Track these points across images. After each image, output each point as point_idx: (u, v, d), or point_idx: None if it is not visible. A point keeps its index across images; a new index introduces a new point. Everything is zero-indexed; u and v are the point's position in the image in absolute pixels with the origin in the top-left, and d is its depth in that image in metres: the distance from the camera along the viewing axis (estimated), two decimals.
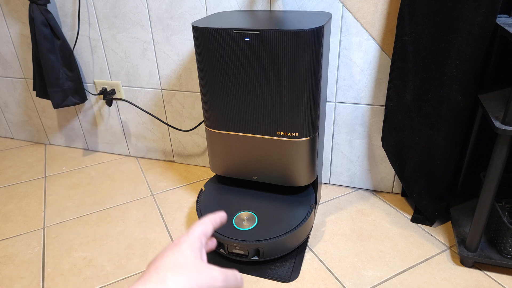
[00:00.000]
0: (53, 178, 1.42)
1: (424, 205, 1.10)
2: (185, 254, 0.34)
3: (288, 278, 0.95)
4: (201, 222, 0.39)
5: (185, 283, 0.31)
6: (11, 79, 1.55)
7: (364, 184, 1.28)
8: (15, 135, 1.73)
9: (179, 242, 0.36)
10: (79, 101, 1.40)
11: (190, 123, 1.38)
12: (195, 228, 0.38)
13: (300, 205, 1.03)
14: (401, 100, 1.01)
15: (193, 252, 0.35)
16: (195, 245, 0.36)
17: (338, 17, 1.04)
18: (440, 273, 0.95)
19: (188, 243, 0.35)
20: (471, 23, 0.85)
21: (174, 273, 0.32)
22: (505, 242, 0.90)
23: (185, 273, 0.32)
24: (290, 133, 0.94)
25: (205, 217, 0.41)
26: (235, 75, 0.91)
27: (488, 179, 0.84)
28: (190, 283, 0.32)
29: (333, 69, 1.11)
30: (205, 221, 0.40)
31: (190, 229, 0.38)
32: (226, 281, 0.35)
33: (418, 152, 1.05)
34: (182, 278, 0.31)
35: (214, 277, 0.34)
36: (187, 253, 0.34)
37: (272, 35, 0.83)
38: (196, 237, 0.37)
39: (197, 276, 0.32)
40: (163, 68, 1.30)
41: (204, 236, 0.38)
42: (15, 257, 1.04)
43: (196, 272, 0.33)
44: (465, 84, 0.92)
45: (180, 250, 0.34)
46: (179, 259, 0.33)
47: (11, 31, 1.43)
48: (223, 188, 1.12)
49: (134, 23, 1.25)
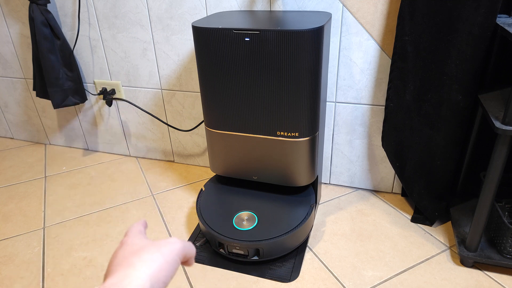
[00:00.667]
0: (53, 178, 1.42)
1: (424, 205, 1.10)
2: (135, 242, 0.35)
3: (288, 278, 0.95)
4: (133, 225, 0.41)
5: (150, 258, 0.32)
6: (11, 79, 1.55)
7: (364, 184, 1.28)
8: (15, 135, 1.73)
9: (123, 241, 0.37)
10: (79, 101, 1.40)
11: (190, 123, 1.38)
12: (131, 228, 0.40)
13: (300, 205, 1.03)
14: (401, 100, 1.01)
15: (141, 237, 0.36)
16: (137, 234, 0.37)
17: (338, 17, 1.04)
18: (440, 273, 0.95)
19: (131, 237, 0.37)
20: (471, 23, 0.85)
21: (136, 256, 0.33)
22: (505, 242, 0.90)
23: (145, 251, 0.33)
24: (290, 133, 0.94)
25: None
26: (235, 75, 0.91)
27: (488, 179, 0.84)
28: (153, 256, 0.33)
29: (333, 69, 1.11)
30: (135, 224, 0.41)
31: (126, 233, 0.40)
32: (182, 241, 0.37)
33: (418, 152, 1.05)
34: (145, 256, 0.33)
35: (170, 241, 0.35)
36: (135, 241, 0.36)
37: (272, 35, 0.83)
38: (135, 231, 0.38)
39: (157, 247, 0.34)
40: (163, 68, 1.30)
41: (141, 226, 0.39)
42: (15, 257, 1.04)
43: (153, 245, 0.34)
44: (465, 84, 0.92)
45: (129, 242, 0.35)
46: (134, 246, 0.34)
47: (11, 31, 1.43)
48: (223, 188, 1.12)
49: (134, 23, 1.25)
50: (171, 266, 0.33)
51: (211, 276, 0.96)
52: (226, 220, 0.99)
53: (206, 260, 1.00)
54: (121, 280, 0.29)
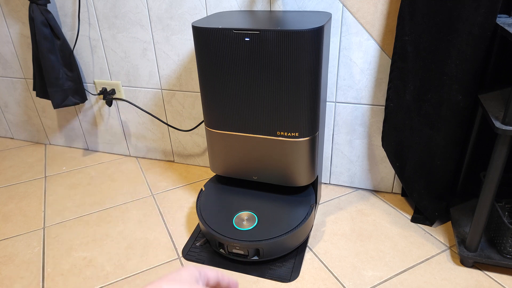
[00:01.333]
0: (53, 178, 1.42)
1: (424, 205, 1.10)
2: (181, 274, 0.35)
3: (288, 278, 0.95)
4: (210, 268, 0.40)
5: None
6: (11, 79, 1.55)
7: (364, 184, 1.28)
8: (15, 135, 1.73)
9: (179, 269, 0.37)
10: (79, 101, 1.40)
11: (190, 123, 1.38)
12: (200, 267, 0.39)
13: (300, 205, 1.03)
14: (401, 100, 1.01)
15: (190, 276, 0.36)
16: (193, 273, 0.36)
17: (338, 17, 1.04)
18: (440, 273, 0.95)
19: (187, 269, 0.36)
20: (471, 23, 0.85)
21: (168, 283, 0.32)
22: (505, 242, 0.90)
23: (179, 284, 0.33)
24: (290, 133, 0.94)
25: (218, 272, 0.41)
26: (235, 75, 0.91)
27: (488, 179, 0.84)
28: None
29: (333, 69, 1.11)
30: (214, 271, 0.40)
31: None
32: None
33: (418, 152, 1.05)
34: (176, 285, 0.32)
35: None
36: (183, 274, 0.35)
37: (272, 35, 0.83)
38: (196, 269, 0.37)
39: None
40: (163, 68, 1.30)
41: (205, 275, 0.38)
42: (15, 257, 1.04)
43: (189, 285, 0.34)
44: (465, 84, 0.92)
45: (177, 272, 0.35)
46: (175, 277, 0.34)
47: (11, 31, 1.43)
48: (223, 188, 1.12)
49: (134, 23, 1.25)
50: None
51: None
52: (226, 220, 0.99)
53: (206, 260, 1.00)
54: None
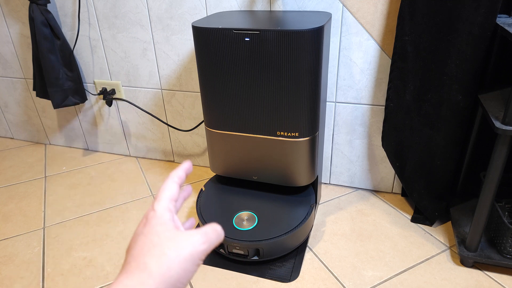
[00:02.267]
0: (53, 178, 1.42)
1: (424, 205, 1.10)
2: (157, 231, 0.33)
3: (288, 278, 0.95)
4: (164, 187, 0.36)
5: (167, 262, 0.30)
6: (11, 79, 1.55)
7: (364, 184, 1.28)
8: (15, 135, 1.73)
9: (147, 220, 0.34)
10: (79, 101, 1.40)
11: (190, 123, 1.38)
12: (160, 197, 0.36)
13: (300, 205, 1.03)
14: (401, 100, 1.01)
15: (165, 225, 0.33)
16: (164, 217, 0.34)
17: (338, 17, 1.04)
18: (440, 273, 0.95)
19: (156, 218, 0.34)
20: (471, 23, 0.85)
21: (153, 257, 0.31)
22: (505, 242, 0.90)
23: (164, 252, 0.31)
24: (290, 133, 0.94)
25: (167, 178, 0.38)
26: (235, 75, 0.91)
27: (488, 179, 0.84)
28: (172, 260, 0.31)
29: (333, 69, 1.11)
30: (168, 184, 0.37)
31: (155, 200, 0.36)
32: (208, 240, 0.34)
33: (418, 152, 1.05)
34: (162, 258, 0.31)
35: (194, 243, 0.32)
36: (158, 229, 0.33)
37: (272, 35, 0.83)
38: (163, 208, 0.35)
39: (177, 250, 0.31)
40: (163, 68, 1.30)
41: (172, 201, 0.36)
42: (15, 257, 1.04)
43: (174, 247, 0.32)
44: (465, 84, 0.92)
45: (151, 229, 0.33)
46: (154, 240, 0.32)
47: (11, 31, 1.43)
48: (223, 188, 1.12)
49: (134, 23, 1.25)
50: (189, 272, 0.31)
51: (211, 276, 0.96)
52: (226, 220, 0.99)
53: (206, 260, 1.00)
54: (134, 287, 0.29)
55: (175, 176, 0.38)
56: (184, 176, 0.39)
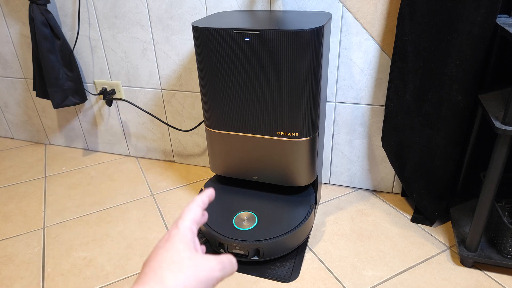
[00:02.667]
0: (53, 178, 1.42)
1: (424, 205, 1.10)
2: (179, 249, 0.34)
3: (288, 278, 0.95)
4: (189, 209, 0.38)
5: (183, 281, 0.31)
6: (11, 79, 1.55)
7: (364, 184, 1.28)
8: (15, 135, 1.73)
9: (170, 236, 0.35)
10: (79, 101, 1.40)
11: (190, 123, 1.38)
12: (184, 217, 0.37)
13: (300, 205, 1.03)
14: (401, 100, 1.01)
15: (186, 245, 0.34)
16: (187, 237, 0.35)
17: (338, 17, 1.04)
18: (440, 273, 0.95)
19: (179, 236, 0.35)
20: (471, 23, 0.85)
21: (171, 272, 0.31)
22: (505, 242, 0.90)
23: (182, 270, 0.32)
24: (290, 133, 0.94)
25: (192, 201, 0.40)
26: (235, 75, 0.91)
27: (488, 179, 0.84)
28: (188, 279, 0.31)
29: (333, 69, 1.11)
30: (193, 206, 0.39)
31: (179, 219, 0.37)
32: (223, 269, 0.35)
33: (418, 152, 1.05)
34: (180, 276, 0.31)
35: (211, 268, 0.34)
36: (180, 247, 0.34)
37: (272, 35, 0.83)
38: (186, 228, 0.36)
39: (195, 271, 0.32)
40: (163, 68, 1.30)
41: (194, 223, 0.37)
42: (15, 257, 1.04)
43: (193, 266, 0.33)
44: (465, 84, 0.92)
45: (173, 246, 0.34)
46: (174, 256, 0.33)
47: (11, 31, 1.43)
48: (223, 188, 1.12)
49: (134, 23, 1.25)
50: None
51: None
52: (226, 220, 0.99)
53: None
54: None
55: (200, 200, 0.40)
56: (207, 202, 0.41)
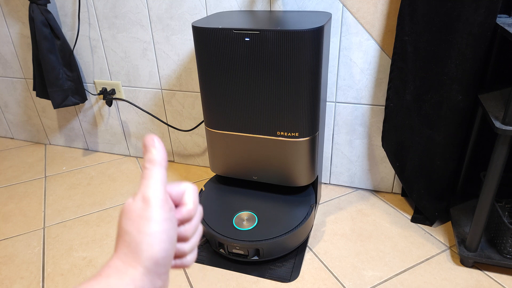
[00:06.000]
0: (53, 178, 1.42)
1: (424, 205, 1.10)
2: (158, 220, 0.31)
3: (288, 278, 0.95)
4: (157, 175, 0.32)
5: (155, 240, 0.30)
6: (11, 79, 1.55)
7: (364, 184, 1.28)
8: (15, 135, 1.73)
9: (144, 206, 0.31)
10: (79, 101, 1.40)
11: (190, 123, 1.38)
12: (156, 187, 0.32)
13: (300, 205, 1.03)
14: (401, 100, 1.01)
15: (164, 213, 0.32)
16: (163, 204, 0.32)
17: (338, 17, 1.04)
18: (440, 273, 0.95)
19: (154, 206, 0.31)
20: (471, 23, 0.85)
21: (144, 237, 0.30)
22: (505, 242, 0.90)
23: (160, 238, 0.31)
24: (290, 133, 0.94)
25: (153, 163, 0.33)
26: (235, 75, 0.91)
27: (488, 179, 0.84)
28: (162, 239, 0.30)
29: (333, 69, 1.11)
30: (160, 171, 0.33)
31: (150, 188, 0.32)
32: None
33: (418, 152, 1.05)
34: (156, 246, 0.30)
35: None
36: (158, 218, 0.32)
37: (272, 35, 0.83)
38: (161, 197, 0.32)
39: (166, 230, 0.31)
40: (163, 68, 1.30)
41: (168, 196, 0.34)
42: (15, 257, 1.04)
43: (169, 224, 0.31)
44: (465, 84, 0.92)
45: (149, 216, 0.31)
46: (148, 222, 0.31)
47: (11, 31, 1.43)
48: (223, 188, 1.12)
49: (134, 23, 1.25)
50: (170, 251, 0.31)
51: (211, 276, 0.96)
52: (226, 220, 0.99)
53: (206, 260, 1.00)
54: (123, 272, 0.29)
55: (163, 161, 0.35)
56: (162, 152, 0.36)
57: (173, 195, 0.35)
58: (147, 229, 0.30)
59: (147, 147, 0.33)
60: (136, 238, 0.30)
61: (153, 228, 0.30)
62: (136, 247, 0.30)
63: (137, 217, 0.30)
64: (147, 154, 0.33)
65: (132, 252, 0.30)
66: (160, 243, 0.30)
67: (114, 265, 0.30)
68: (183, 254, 0.35)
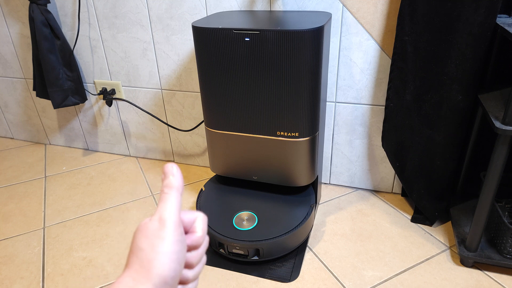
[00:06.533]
0: (53, 178, 1.42)
1: (424, 205, 1.10)
2: (171, 241, 0.33)
3: (288, 278, 0.95)
4: (172, 200, 0.35)
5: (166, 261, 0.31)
6: (11, 79, 1.55)
7: (364, 184, 1.28)
8: (15, 135, 1.73)
9: (159, 228, 0.33)
10: (79, 101, 1.40)
11: (190, 123, 1.38)
12: (172, 210, 0.34)
13: (300, 205, 1.03)
14: (401, 100, 1.01)
15: (178, 236, 0.34)
16: (177, 228, 0.34)
17: (338, 17, 1.04)
18: (440, 273, 0.95)
19: (170, 228, 0.33)
20: (471, 23, 0.85)
21: (155, 257, 0.32)
22: (505, 242, 0.90)
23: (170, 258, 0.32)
24: (290, 133, 0.94)
25: (171, 188, 0.36)
26: (235, 75, 0.91)
27: (488, 179, 0.84)
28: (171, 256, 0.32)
29: (333, 69, 1.11)
30: (175, 197, 0.35)
31: (166, 212, 0.34)
32: None
33: (418, 152, 1.05)
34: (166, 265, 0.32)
35: None
36: (171, 240, 0.33)
37: (272, 35, 0.83)
38: (177, 223, 0.34)
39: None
40: (163, 68, 1.30)
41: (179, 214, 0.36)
42: (15, 257, 1.04)
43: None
44: (465, 84, 0.92)
45: (164, 236, 0.33)
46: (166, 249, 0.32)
47: (11, 31, 1.43)
48: (223, 188, 1.12)
49: (134, 23, 1.25)
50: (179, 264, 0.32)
51: (211, 276, 0.96)
52: (226, 220, 0.99)
53: (206, 260, 1.00)
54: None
55: (180, 187, 0.37)
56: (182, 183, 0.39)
57: (185, 222, 0.37)
58: (161, 248, 0.31)
59: (166, 174, 0.36)
60: (149, 255, 0.31)
61: (166, 247, 0.31)
62: (148, 264, 0.31)
63: (152, 235, 0.32)
64: (166, 180, 0.36)
65: (143, 268, 0.31)
66: (171, 263, 0.31)
67: (125, 282, 0.31)
68: (187, 281, 0.36)
